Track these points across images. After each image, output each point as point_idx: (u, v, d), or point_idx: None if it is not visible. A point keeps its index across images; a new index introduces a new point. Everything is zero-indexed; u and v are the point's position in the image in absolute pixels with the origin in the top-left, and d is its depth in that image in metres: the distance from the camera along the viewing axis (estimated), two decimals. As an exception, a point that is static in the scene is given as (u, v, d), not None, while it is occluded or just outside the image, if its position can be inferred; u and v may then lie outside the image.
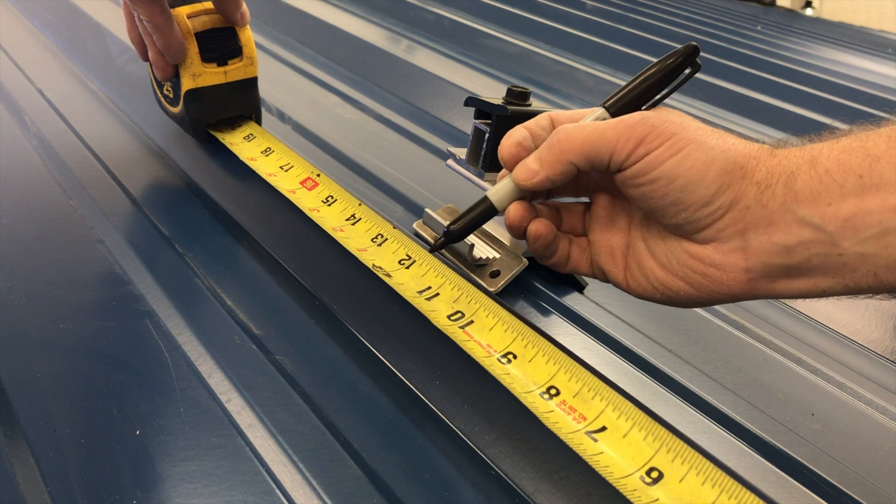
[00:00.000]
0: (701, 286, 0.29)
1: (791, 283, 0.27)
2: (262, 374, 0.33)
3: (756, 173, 0.27)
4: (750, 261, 0.27)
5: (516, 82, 0.74)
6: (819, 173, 0.26)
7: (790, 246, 0.26)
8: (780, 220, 0.26)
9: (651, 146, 0.28)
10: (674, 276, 0.30)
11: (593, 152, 0.29)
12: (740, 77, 1.11)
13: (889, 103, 1.08)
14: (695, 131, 0.28)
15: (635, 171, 0.29)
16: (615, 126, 0.29)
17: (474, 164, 0.42)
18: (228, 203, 0.47)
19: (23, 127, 0.55)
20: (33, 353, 0.32)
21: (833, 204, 0.25)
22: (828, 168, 0.26)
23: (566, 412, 0.29)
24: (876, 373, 0.41)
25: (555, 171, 0.31)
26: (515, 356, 0.31)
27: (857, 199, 0.25)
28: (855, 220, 0.25)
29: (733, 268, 0.28)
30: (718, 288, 0.29)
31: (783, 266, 0.27)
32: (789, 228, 0.26)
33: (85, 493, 0.26)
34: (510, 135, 0.33)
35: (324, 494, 0.27)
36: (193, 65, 0.48)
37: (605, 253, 0.33)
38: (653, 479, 0.26)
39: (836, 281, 0.26)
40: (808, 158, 0.26)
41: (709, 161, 0.27)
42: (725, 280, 0.28)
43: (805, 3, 2.51)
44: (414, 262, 0.38)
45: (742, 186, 0.27)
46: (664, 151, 0.28)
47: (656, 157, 0.28)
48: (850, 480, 0.32)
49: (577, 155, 0.30)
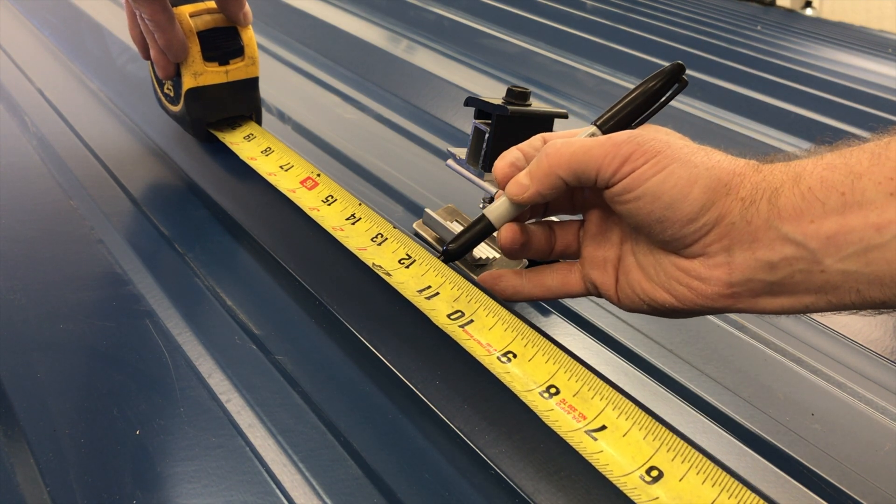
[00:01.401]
0: (685, 298, 0.30)
1: (774, 299, 0.28)
2: (262, 374, 0.33)
3: (741, 189, 0.27)
4: (734, 276, 0.28)
5: (516, 82, 0.74)
6: (802, 190, 0.26)
7: (773, 262, 0.27)
8: (763, 236, 0.27)
9: (636, 164, 0.28)
10: (660, 288, 0.30)
11: (580, 168, 0.30)
12: (740, 77, 1.11)
13: (889, 103, 1.08)
14: (679, 149, 0.28)
15: (621, 189, 0.29)
16: (602, 143, 0.30)
17: (474, 164, 0.42)
18: (228, 203, 0.47)
19: (23, 127, 0.55)
20: (33, 353, 0.32)
21: (815, 221, 0.25)
22: (811, 185, 0.26)
23: (566, 411, 0.29)
24: (876, 373, 0.41)
25: (544, 186, 0.31)
26: (515, 355, 0.31)
27: (839, 217, 0.25)
28: (837, 237, 0.25)
29: (717, 282, 0.28)
30: (702, 301, 0.29)
31: (766, 282, 0.27)
32: (772, 245, 0.26)
33: (85, 493, 0.26)
34: (504, 156, 0.34)
35: (324, 494, 0.27)
36: (195, 64, 0.48)
37: (597, 267, 0.34)
38: (653, 478, 0.26)
39: (819, 297, 0.26)
40: (792, 175, 0.27)
41: (693, 178, 0.28)
42: (709, 293, 0.29)
43: (805, 3, 2.51)
44: (414, 262, 0.38)
45: (727, 203, 0.27)
46: (648, 169, 0.28)
47: (641, 174, 0.28)
48: (850, 480, 0.32)
49: (566, 170, 0.30)
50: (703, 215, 0.28)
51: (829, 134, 0.85)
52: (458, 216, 0.47)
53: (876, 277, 0.25)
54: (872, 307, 0.26)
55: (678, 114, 0.87)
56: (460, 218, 0.47)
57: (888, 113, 1.02)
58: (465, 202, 0.49)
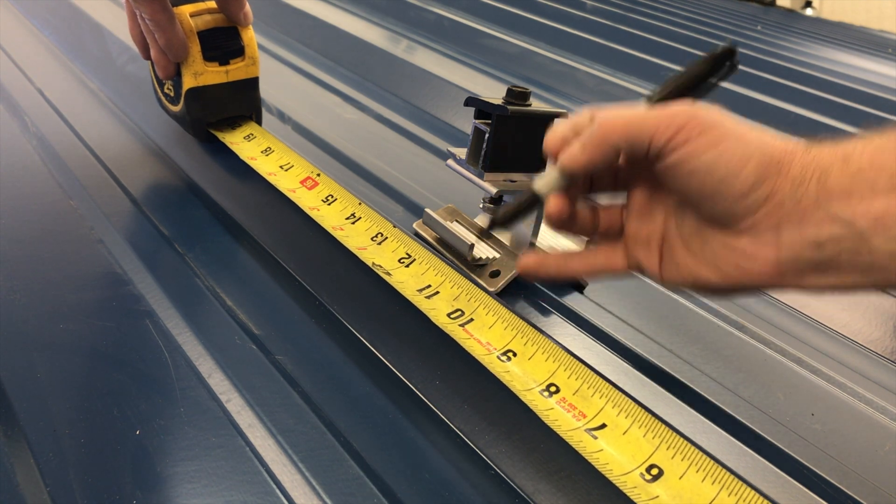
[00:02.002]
0: (731, 276, 0.30)
1: (819, 277, 0.28)
2: (262, 374, 0.33)
3: (791, 169, 0.28)
4: (782, 254, 0.28)
5: (516, 82, 0.74)
6: (851, 171, 0.26)
7: (821, 241, 0.27)
8: (812, 215, 0.27)
9: (690, 134, 0.29)
10: (706, 265, 0.31)
11: (633, 135, 0.30)
12: (740, 77, 1.10)
13: (889, 103, 1.08)
14: (735, 125, 0.29)
15: (675, 160, 0.29)
16: (657, 112, 0.30)
17: (474, 164, 0.42)
18: (228, 203, 0.47)
19: (23, 127, 0.55)
20: (33, 353, 0.32)
21: (864, 201, 0.26)
22: (860, 166, 0.26)
23: (566, 409, 0.29)
24: (876, 373, 0.41)
25: (597, 154, 0.31)
26: (515, 354, 0.31)
27: (887, 198, 0.25)
28: (886, 217, 0.25)
29: (765, 260, 0.28)
30: (747, 278, 0.29)
31: (813, 260, 0.27)
32: (821, 224, 0.27)
33: (85, 493, 0.26)
34: (554, 129, 0.33)
35: (324, 494, 0.27)
36: (195, 63, 0.48)
37: (642, 244, 0.34)
38: (653, 476, 0.26)
39: (864, 276, 0.27)
40: (842, 156, 0.27)
41: (747, 155, 0.28)
42: (756, 270, 0.29)
43: (805, 3, 2.51)
44: (414, 261, 0.38)
45: (778, 181, 0.28)
46: (704, 142, 0.28)
47: (696, 147, 0.29)
48: (850, 480, 0.32)
49: (620, 136, 0.30)
50: (754, 192, 0.28)
51: (829, 134, 0.85)
52: (458, 216, 0.47)
53: None
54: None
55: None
56: (460, 218, 0.47)
57: (888, 113, 1.02)
58: (465, 202, 0.49)
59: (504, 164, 0.42)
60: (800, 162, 0.28)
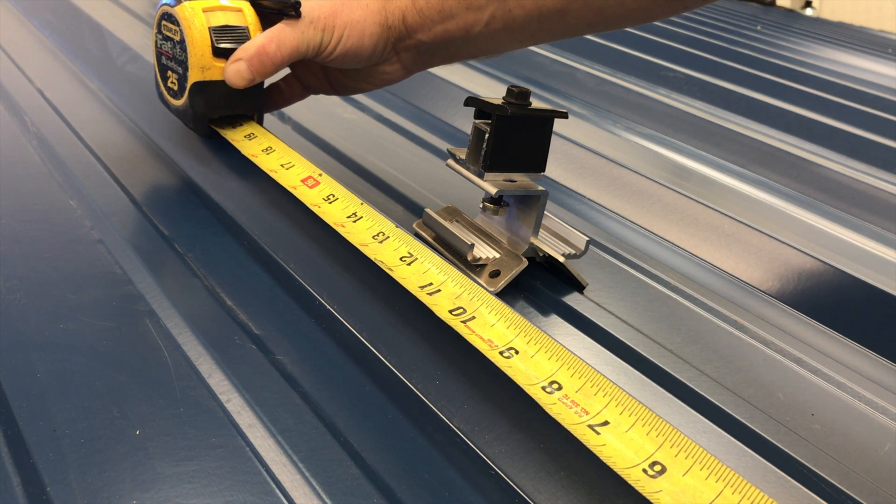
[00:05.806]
0: (381, 84, 0.51)
1: (428, 63, 0.49)
2: (262, 374, 0.33)
3: (390, 21, 0.45)
4: (405, 65, 0.49)
5: (516, 82, 0.74)
6: (419, 9, 0.44)
7: (420, 47, 0.47)
8: (408, 42, 0.46)
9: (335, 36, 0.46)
10: (363, 82, 0.51)
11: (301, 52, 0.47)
12: (740, 77, 1.11)
13: (889, 103, 1.08)
14: (348, 13, 0.45)
15: (324, 59, 0.47)
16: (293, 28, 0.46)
17: (474, 164, 0.42)
18: (228, 203, 0.47)
19: (23, 127, 0.55)
20: (33, 353, 0.32)
21: (433, 25, 0.45)
22: (422, 7, 0.44)
23: (568, 406, 0.29)
24: (876, 373, 0.41)
25: (269, 69, 0.48)
26: (517, 351, 0.31)
27: (442, 19, 0.44)
28: (442, 13, 0.43)
29: (398, 72, 0.49)
30: (392, 82, 0.50)
31: (418, 61, 0.49)
32: (413, 43, 0.46)
33: (85, 493, 0.26)
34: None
35: (324, 494, 0.27)
36: (204, 57, 0.48)
37: (313, 81, 0.53)
38: (656, 472, 0.26)
39: (444, 56, 0.48)
40: (410, 2, 0.45)
41: (368, 33, 0.45)
42: (395, 78, 0.50)
43: (805, 3, 2.51)
44: (416, 260, 0.38)
45: (387, 35, 0.46)
46: (341, 40, 0.46)
47: (336, 46, 0.46)
48: (850, 480, 0.32)
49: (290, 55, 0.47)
50: (378, 51, 0.47)
51: (828, 134, 0.85)
52: (459, 216, 0.47)
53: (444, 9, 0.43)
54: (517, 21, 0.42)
55: (678, 113, 0.87)
56: (460, 218, 0.47)
57: (888, 113, 1.02)
58: (465, 202, 0.50)
59: (504, 163, 0.42)
60: (392, 15, 0.45)
